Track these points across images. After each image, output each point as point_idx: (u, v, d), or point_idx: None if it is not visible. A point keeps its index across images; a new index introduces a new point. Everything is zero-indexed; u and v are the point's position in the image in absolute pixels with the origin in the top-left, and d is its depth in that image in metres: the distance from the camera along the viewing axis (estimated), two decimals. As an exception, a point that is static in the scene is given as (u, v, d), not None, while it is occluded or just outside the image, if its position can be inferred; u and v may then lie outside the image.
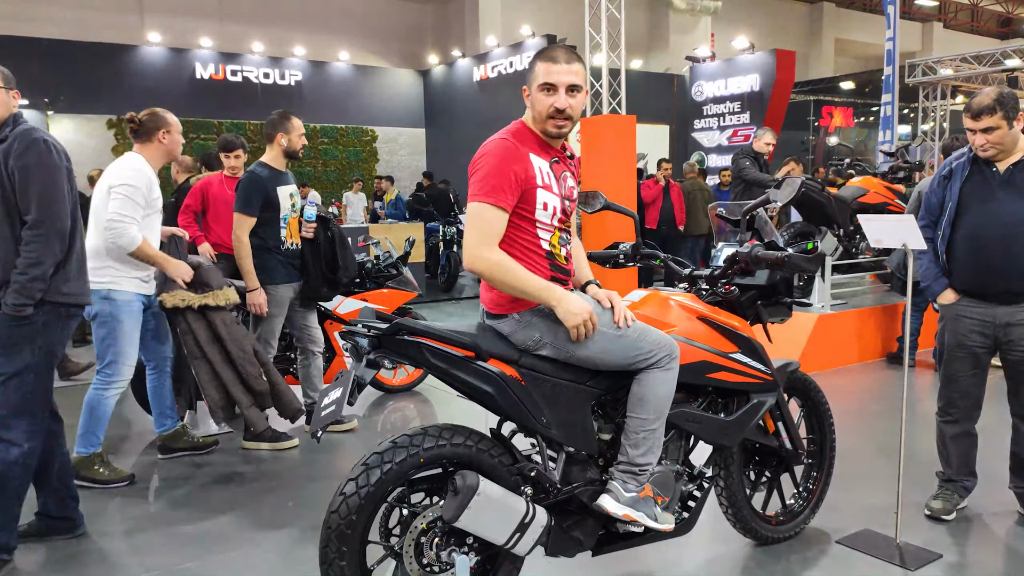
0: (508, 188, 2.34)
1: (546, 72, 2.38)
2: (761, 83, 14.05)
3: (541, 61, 2.41)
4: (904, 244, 3.08)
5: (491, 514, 2.27)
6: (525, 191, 2.38)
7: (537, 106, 2.41)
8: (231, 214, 4.89)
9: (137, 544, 3.37)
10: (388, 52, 21.32)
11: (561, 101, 2.38)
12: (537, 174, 2.40)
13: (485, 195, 2.32)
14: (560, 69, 2.38)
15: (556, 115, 2.40)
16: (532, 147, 2.43)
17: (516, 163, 2.35)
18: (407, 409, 5.43)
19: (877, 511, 3.52)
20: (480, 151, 2.40)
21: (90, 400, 3.92)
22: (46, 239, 2.90)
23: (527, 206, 2.40)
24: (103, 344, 3.88)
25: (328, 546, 2.25)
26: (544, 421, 2.44)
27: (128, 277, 3.91)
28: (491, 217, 2.33)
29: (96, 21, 17.81)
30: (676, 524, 2.76)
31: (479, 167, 2.37)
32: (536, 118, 2.44)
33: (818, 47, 26.35)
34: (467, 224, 2.38)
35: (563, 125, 2.43)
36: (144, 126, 3.96)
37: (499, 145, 2.38)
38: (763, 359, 2.87)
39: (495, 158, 2.35)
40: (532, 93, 2.44)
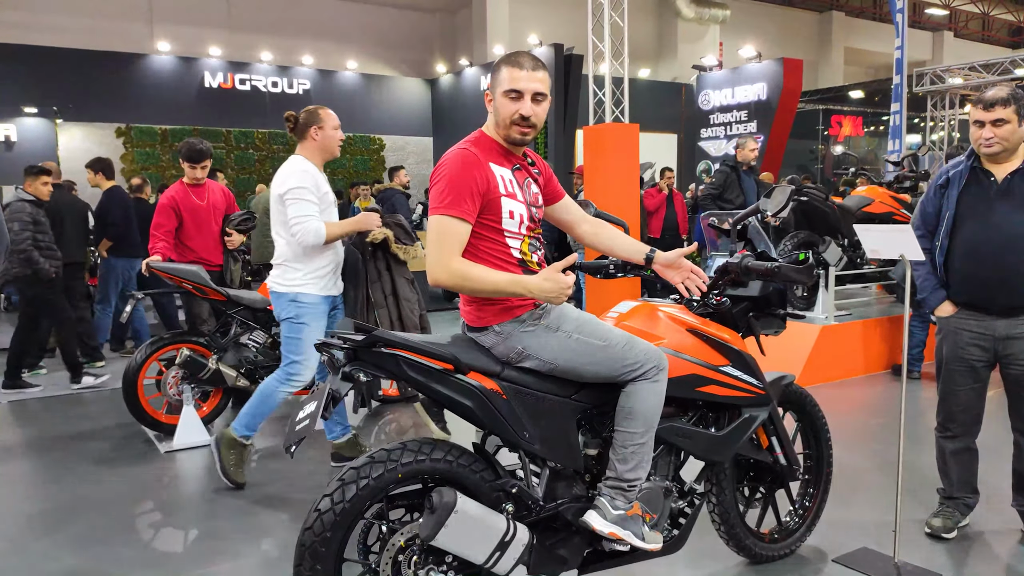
0: (468, 198, 2.28)
1: (512, 79, 2.34)
2: (768, 92, 13.96)
3: (507, 67, 2.37)
4: (902, 255, 3.00)
5: (469, 532, 2.21)
6: (488, 201, 2.33)
7: (501, 112, 2.37)
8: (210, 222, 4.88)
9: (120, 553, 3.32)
10: (396, 61, 21.36)
11: (527, 108, 2.35)
12: (500, 183, 2.36)
13: (445, 208, 2.27)
14: (526, 76, 2.34)
15: (521, 122, 2.36)
16: (493, 156, 2.39)
17: (476, 172, 2.30)
18: (402, 418, 5.37)
19: (876, 529, 3.43)
20: (440, 162, 2.35)
21: (264, 389, 3.99)
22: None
23: (492, 216, 2.35)
24: (288, 344, 3.96)
25: (302, 564, 2.19)
26: (527, 436, 2.38)
27: (313, 280, 3.94)
28: (450, 229, 2.27)
29: (105, 30, 17.91)
30: (665, 542, 2.69)
31: (438, 179, 2.32)
32: (500, 124, 2.40)
33: (827, 56, 26.23)
34: (428, 239, 2.32)
35: (527, 132, 2.39)
36: (299, 124, 4.01)
37: (458, 156, 2.33)
38: (755, 372, 2.79)
39: (453, 169, 2.30)
40: (496, 98, 2.40)
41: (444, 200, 2.27)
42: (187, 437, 4.72)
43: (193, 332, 5.12)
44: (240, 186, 17.30)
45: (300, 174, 3.88)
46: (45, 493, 4.10)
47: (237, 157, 19.04)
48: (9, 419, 5.51)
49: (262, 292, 5.14)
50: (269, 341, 5.09)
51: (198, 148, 5.32)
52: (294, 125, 4.04)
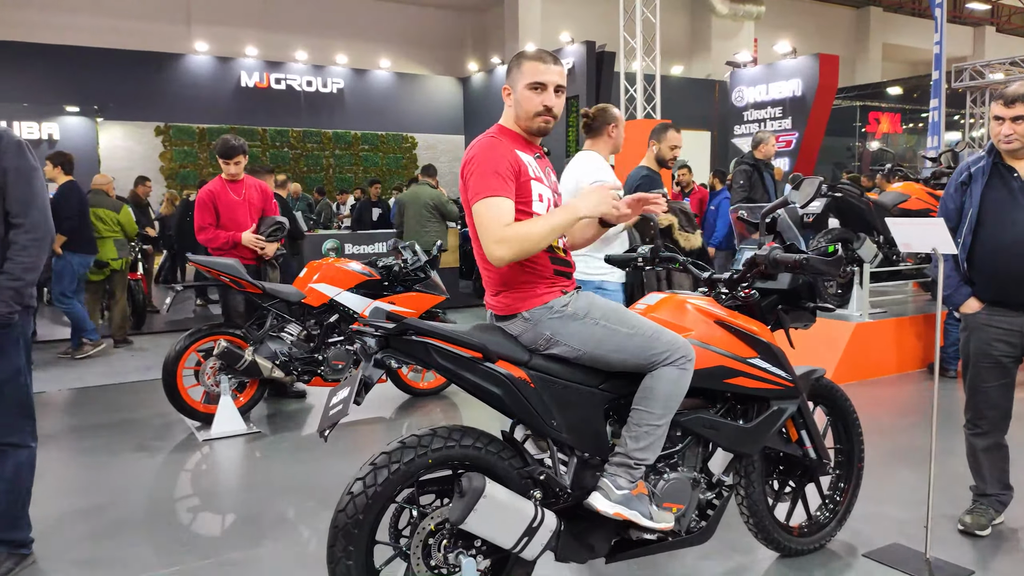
0: (506, 178, 2.35)
1: (535, 72, 2.44)
2: (804, 88, 13.79)
3: (529, 61, 2.46)
4: (934, 248, 2.98)
5: (498, 517, 2.25)
6: (519, 184, 2.39)
7: (525, 104, 2.46)
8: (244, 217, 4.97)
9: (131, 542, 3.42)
10: (428, 60, 21.50)
11: (550, 99, 2.44)
12: (527, 166, 2.42)
13: (487, 191, 2.32)
14: (549, 69, 2.44)
15: (545, 112, 2.45)
16: (517, 144, 2.46)
17: (506, 155, 2.38)
18: (433, 412, 5.44)
19: (907, 525, 3.41)
20: (468, 155, 2.42)
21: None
22: (42, 243, 2.87)
23: (523, 199, 2.40)
24: None
25: (335, 545, 2.25)
26: (554, 424, 2.41)
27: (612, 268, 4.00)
28: (497, 207, 2.32)
29: (145, 31, 18.28)
30: (693, 532, 2.71)
31: (473, 168, 2.38)
32: (522, 116, 2.48)
33: (865, 52, 25.84)
34: (477, 226, 2.35)
35: (549, 122, 2.49)
36: (596, 121, 4.11)
37: (487, 143, 2.42)
38: (783, 365, 2.79)
39: (487, 156, 2.37)
40: (517, 92, 2.48)
41: (485, 185, 2.33)
42: (224, 426, 4.83)
43: (230, 324, 5.23)
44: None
45: (605, 170, 3.99)
46: (87, 479, 4.23)
47: (272, 155, 19.30)
48: (53, 407, 5.68)
49: (297, 285, 5.25)
50: (303, 334, 5.19)
51: (231, 144, 5.43)
52: (590, 121, 4.13)
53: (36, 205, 2.86)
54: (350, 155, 20.46)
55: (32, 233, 2.85)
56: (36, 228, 2.86)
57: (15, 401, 2.94)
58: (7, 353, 2.90)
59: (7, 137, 2.85)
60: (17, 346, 2.93)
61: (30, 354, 3.04)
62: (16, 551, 3.02)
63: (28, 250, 2.84)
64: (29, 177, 2.86)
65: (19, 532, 3.03)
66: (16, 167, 2.83)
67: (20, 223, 2.84)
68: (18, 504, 3.00)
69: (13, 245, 2.83)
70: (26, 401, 2.98)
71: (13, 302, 2.82)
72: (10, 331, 2.88)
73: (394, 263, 5.40)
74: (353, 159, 20.51)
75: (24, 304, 2.87)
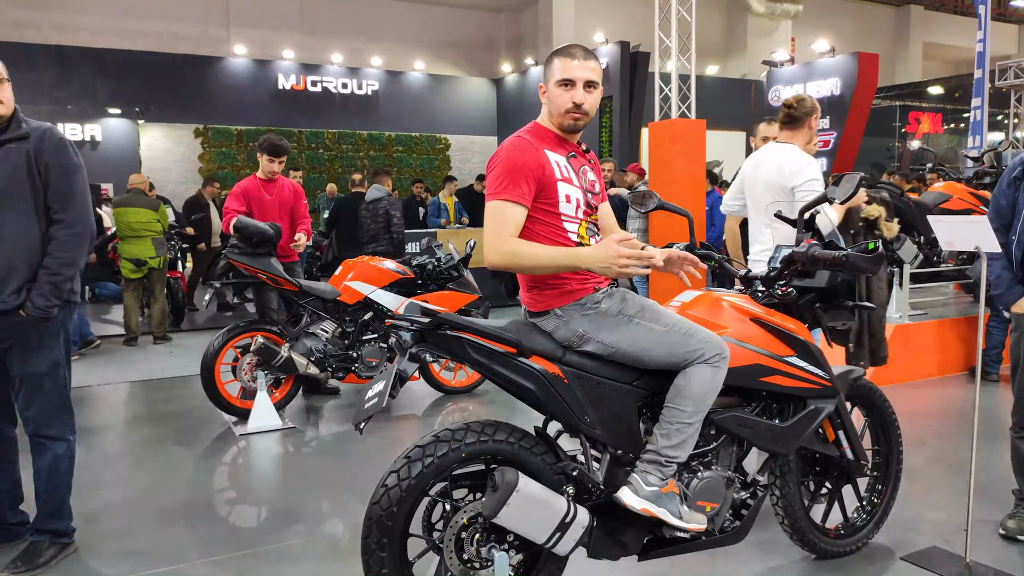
0: (523, 182, 2.34)
1: (564, 68, 2.43)
2: (842, 87, 13.58)
3: (559, 58, 2.45)
4: (977, 247, 2.92)
5: (530, 512, 2.25)
6: (545, 186, 2.39)
7: (555, 101, 2.45)
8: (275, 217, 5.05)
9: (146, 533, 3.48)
10: (462, 61, 21.57)
11: (579, 96, 2.42)
12: (555, 168, 2.42)
13: (499, 192, 2.34)
14: (578, 65, 2.42)
15: (574, 109, 2.44)
16: (547, 143, 2.45)
17: (531, 158, 2.37)
18: (466, 410, 5.46)
19: (947, 529, 3.34)
20: (496, 151, 2.43)
21: None
22: (82, 239, 2.92)
23: (549, 200, 2.41)
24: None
25: (369, 536, 2.27)
26: (588, 420, 2.41)
27: None
28: (504, 212, 2.33)
29: (185, 34, 18.60)
30: (726, 532, 2.68)
31: (494, 167, 2.40)
32: (554, 113, 2.47)
33: (905, 51, 25.38)
34: (485, 224, 2.37)
35: (580, 118, 2.46)
36: (797, 111, 3.91)
37: (513, 143, 2.41)
38: (821, 364, 2.76)
39: (508, 155, 2.38)
40: (549, 89, 2.48)
41: (499, 185, 2.34)
42: (260, 421, 4.90)
43: (266, 320, 5.30)
44: (311, 185, 17.72)
45: (813, 167, 3.79)
46: (128, 472, 4.32)
47: (308, 156, 19.52)
48: (95, 401, 5.81)
49: (332, 283, 5.31)
50: (338, 331, 5.24)
51: (278, 144, 5.53)
52: (791, 111, 3.90)
53: (76, 201, 2.92)
54: (384, 156, 20.61)
55: (72, 228, 2.90)
56: (76, 224, 2.91)
57: (55, 395, 3.00)
58: (47, 347, 2.95)
59: (50, 134, 2.91)
60: (57, 340, 2.99)
61: (69, 349, 3.09)
62: (58, 540, 3.10)
63: (66, 245, 2.89)
64: (70, 173, 2.92)
65: (60, 522, 3.10)
66: (59, 163, 2.89)
67: (61, 219, 2.89)
68: (58, 495, 3.07)
69: (53, 240, 2.89)
70: (65, 395, 3.04)
71: (52, 296, 2.87)
72: (50, 325, 2.94)
73: (427, 261, 5.44)
74: (387, 160, 20.65)
75: (64, 299, 2.93)
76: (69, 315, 3.05)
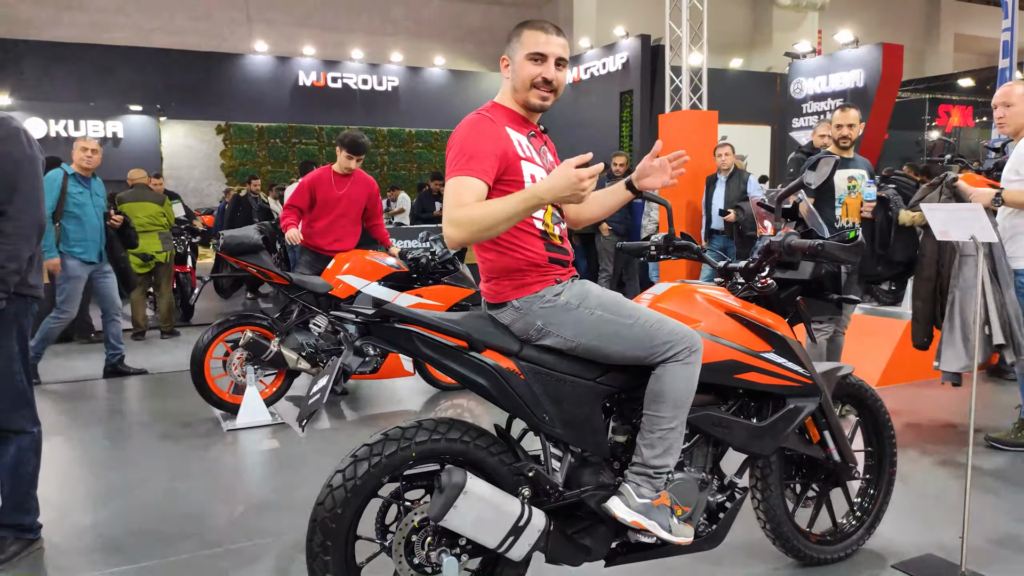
0: (484, 158, 2.19)
1: (535, 42, 2.29)
2: (866, 78, 13.24)
3: (529, 30, 2.30)
4: (972, 236, 2.75)
5: (480, 515, 2.14)
6: (507, 165, 2.25)
7: (521, 74, 2.31)
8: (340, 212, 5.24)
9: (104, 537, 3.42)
10: (483, 56, 21.48)
11: (550, 72, 2.29)
12: (517, 147, 2.28)
13: (458, 169, 2.18)
14: (551, 40, 2.29)
15: (542, 85, 2.31)
16: (508, 121, 2.32)
17: (492, 134, 2.23)
18: (460, 406, 5.35)
19: (943, 536, 3.16)
20: (454, 131, 2.28)
21: None
22: (27, 232, 2.84)
23: (514, 179, 2.26)
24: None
25: (313, 539, 2.18)
26: (546, 419, 2.29)
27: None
28: (462, 185, 2.15)
29: (206, 31, 18.73)
30: (701, 536, 2.55)
31: (452, 145, 2.24)
32: (518, 88, 2.33)
33: (935, 43, 24.80)
34: (443, 204, 2.22)
35: (547, 97, 2.34)
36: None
37: (472, 121, 2.27)
38: (801, 360, 2.61)
39: (466, 133, 2.23)
40: (515, 62, 2.33)
41: (458, 163, 2.19)
42: (249, 416, 4.83)
43: (257, 314, 5.24)
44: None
45: None
46: (108, 466, 4.27)
47: (328, 153, 19.58)
48: (89, 395, 5.79)
49: (325, 277, 5.23)
50: (330, 326, 5.16)
51: (360, 141, 5.46)
52: None
53: (22, 193, 2.82)
54: (404, 152, 20.61)
55: (15, 221, 2.81)
56: (19, 216, 2.81)
57: (10, 389, 2.93)
58: (1, 342, 2.88)
59: (4, 124, 2.83)
60: (9, 334, 2.91)
61: (26, 342, 3.01)
62: (23, 535, 3.04)
63: (10, 238, 2.80)
64: (18, 163, 2.82)
65: (25, 516, 3.05)
66: (7, 152, 2.80)
67: (3, 210, 2.81)
68: (22, 488, 3.01)
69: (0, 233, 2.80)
70: (21, 388, 2.96)
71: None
72: (2, 320, 2.87)
73: (422, 256, 5.34)
74: (407, 156, 20.65)
75: (11, 292, 2.84)
76: (25, 309, 2.97)
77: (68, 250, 5.81)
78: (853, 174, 4.71)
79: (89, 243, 5.91)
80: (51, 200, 5.69)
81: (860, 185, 4.69)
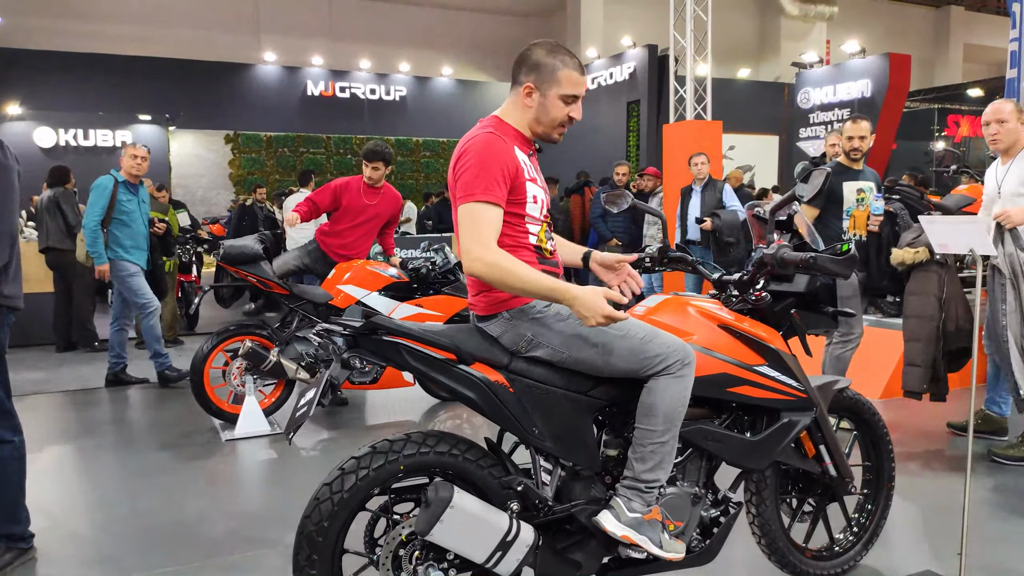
0: (500, 182, 2.20)
1: (573, 83, 2.31)
2: (873, 88, 13.23)
3: (567, 69, 2.31)
4: (971, 249, 2.72)
5: (467, 529, 2.12)
6: (516, 185, 2.25)
7: (553, 112, 2.32)
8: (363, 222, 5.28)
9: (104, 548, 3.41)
10: (490, 66, 21.52)
11: (578, 111, 2.35)
12: (524, 167, 2.29)
13: (478, 194, 2.17)
14: (584, 81, 2.35)
15: (568, 123, 2.37)
16: (515, 142, 2.32)
17: (505, 156, 2.23)
18: (461, 416, 5.33)
19: (941, 551, 3.12)
20: (463, 148, 2.26)
21: None
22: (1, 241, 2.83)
23: (519, 200, 2.27)
24: None
25: (299, 553, 2.17)
26: (536, 432, 2.27)
27: None
28: (486, 215, 2.17)
29: (215, 41, 18.83)
30: (693, 551, 2.52)
31: (467, 165, 2.22)
32: (544, 122, 2.34)
33: (945, 53, 24.72)
34: (461, 227, 2.19)
35: (563, 132, 2.41)
36: None
37: (485, 139, 2.25)
38: (795, 374, 2.58)
39: (483, 153, 2.21)
40: (547, 97, 2.31)
41: (476, 187, 2.17)
42: (248, 427, 4.83)
43: (256, 324, 5.25)
44: (338, 190, 17.78)
45: None
46: (100, 477, 4.27)
47: (336, 162, 19.65)
48: (88, 404, 5.81)
49: (326, 287, 5.23)
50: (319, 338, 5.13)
51: (371, 148, 5.54)
52: None
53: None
54: (411, 162, 20.66)
55: None
56: None
57: None
58: None
59: None
60: None
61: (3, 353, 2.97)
62: (15, 545, 3.04)
63: None
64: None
65: (16, 526, 3.04)
66: None
67: None
68: (9, 498, 3.00)
69: None
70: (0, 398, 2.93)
71: None
72: None
73: (422, 265, 5.33)
74: (414, 166, 20.70)
75: None
76: (1, 320, 2.95)
77: (117, 256, 5.91)
78: (862, 186, 4.68)
79: (138, 249, 6.02)
80: (102, 207, 5.80)
81: (868, 198, 4.65)
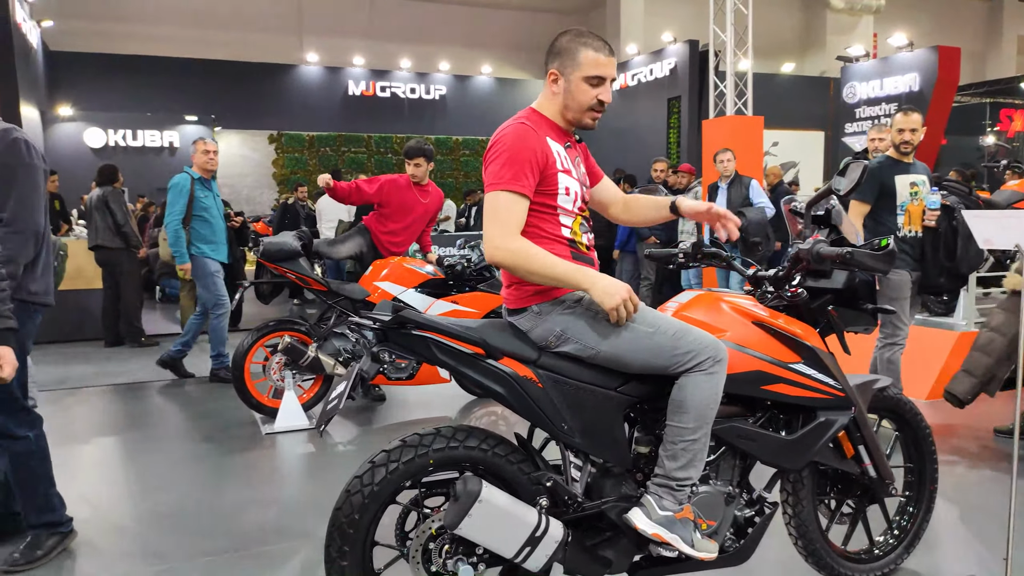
0: (528, 173, 2.21)
1: (597, 64, 2.28)
2: (921, 82, 12.89)
3: (588, 50, 2.29)
4: (1017, 245, 2.64)
5: (496, 523, 2.12)
6: (546, 176, 2.25)
7: (579, 97, 2.30)
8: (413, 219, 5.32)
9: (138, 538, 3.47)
10: (530, 64, 21.50)
11: (607, 94, 2.31)
12: (556, 158, 2.28)
13: (504, 183, 2.20)
14: (610, 62, 2.30)
15: (598, 107, 2.32)
16: (548, 132, 2.31)
17: (535, 146, 2.23)
18: (496, 412, 5.33)
19: (985, 556, 3.03)
20: (494, 139, 2.28)
21: None
22: (23, 237, 2.89)
23: (549, 191, 2.27)
24: None
25: (331, 545, 2.19)
26: (565, 428, 2.26)
27: None
28: (510, 205, 2.20)
29: (259, 43, 19.13)
30: (727, 552, 2.48)
31: (495, 155, 2.24)
32: (573, 108, 2.33)
33: (997, 46, 23.98)
34: (486, 215, 2.24)
35: (598, 117, 2.35)
36: None
37: (516, 130, 2.26)
38: (832, 372, 2.52)
39: (512, 143, 2.23)
40: (571, 81, 2.31)
41: (504, 176, 2.20)
42: (287, 421, 4.90)
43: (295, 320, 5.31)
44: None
45: None
46: (147, 468, 4.36)
47: (377, 161, 19.83)
48: (132, 399, 5.94)
49: (363, 284, 5.28)
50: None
51: (412, 145, 5.63)
52: None
53: (16, 199, 2.88)
54: (451, 160, 20.75)
55: (10, 226, 2.87)
56: (14, 222, 2.87)
57: (5, 397, 2.94)
58: None
59: (4, 135, 2.91)
60: None
61: (25, 355, 3.01)
62: (56, 531, 3.12)
63: (5, 243, 2.84)
64: (14, 171, 2.89)
65: (52, 514, 3.12)
66: (3, 163, 2.87)
67: (0, 217, 2.87)
68: (37, 490, 3.07)
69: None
70: (15, 396, 2.97)
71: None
72: None
73: (458, 263, 5.35)
74: (454, 164, 20.79)
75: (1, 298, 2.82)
76: (27, 316, 2.99)
77: (201, 253, 6.03)
78: (915, 179, 4.56)
79: (218, 244, 6.14)
80: (182, 205, 5.95)
81: (922, 191, 4.53)
